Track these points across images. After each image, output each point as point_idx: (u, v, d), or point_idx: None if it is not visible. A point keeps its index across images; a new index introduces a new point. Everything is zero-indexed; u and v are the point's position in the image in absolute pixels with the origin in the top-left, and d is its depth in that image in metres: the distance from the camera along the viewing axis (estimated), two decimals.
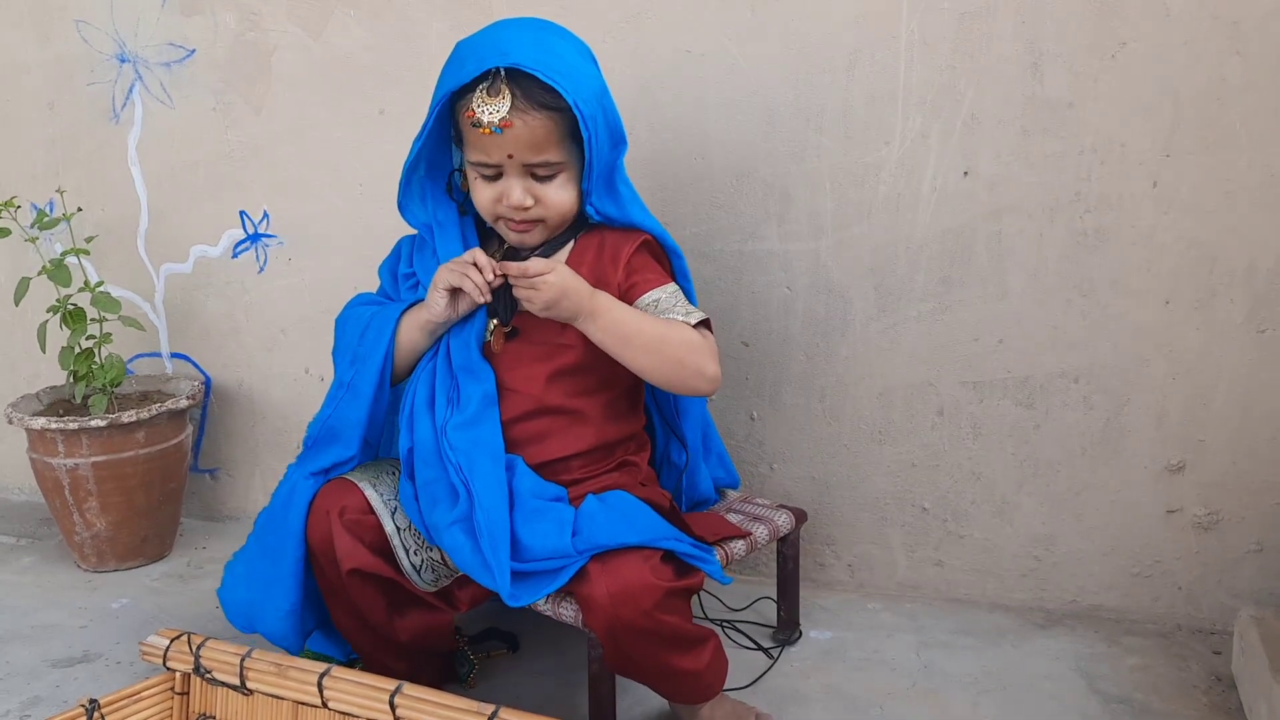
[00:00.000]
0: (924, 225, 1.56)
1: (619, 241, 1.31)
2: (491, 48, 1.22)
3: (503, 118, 1.19)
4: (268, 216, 1.96)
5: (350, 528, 1.26)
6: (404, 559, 1.30)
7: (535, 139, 1.22)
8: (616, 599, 1.12)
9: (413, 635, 1.32)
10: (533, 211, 1.27)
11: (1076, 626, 1.55)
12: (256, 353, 2.02)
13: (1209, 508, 1.51)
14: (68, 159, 2.09)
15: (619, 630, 1.14)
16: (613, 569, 1.13)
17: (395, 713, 1.07)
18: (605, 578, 1.13)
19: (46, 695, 1.44)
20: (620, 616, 1.12)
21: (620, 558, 1.14)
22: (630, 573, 1.13)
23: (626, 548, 1.15)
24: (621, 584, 1.12)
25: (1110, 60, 1.44)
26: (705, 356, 1.26)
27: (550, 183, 1.26)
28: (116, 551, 1.87)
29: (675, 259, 1.36)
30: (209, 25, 1.92)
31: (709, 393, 1.31)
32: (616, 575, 1.13)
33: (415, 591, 1.31)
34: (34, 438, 1.83)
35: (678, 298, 1.31)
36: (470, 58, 1.23)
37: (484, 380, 1.28)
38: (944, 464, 1.62)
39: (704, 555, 1.22)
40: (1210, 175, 1.43)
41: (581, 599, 1.16)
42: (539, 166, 1.24)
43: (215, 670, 1.18)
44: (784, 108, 1.60)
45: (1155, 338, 1.49)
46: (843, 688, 1.41)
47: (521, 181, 1.25)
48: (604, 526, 1.17)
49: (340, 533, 1.26)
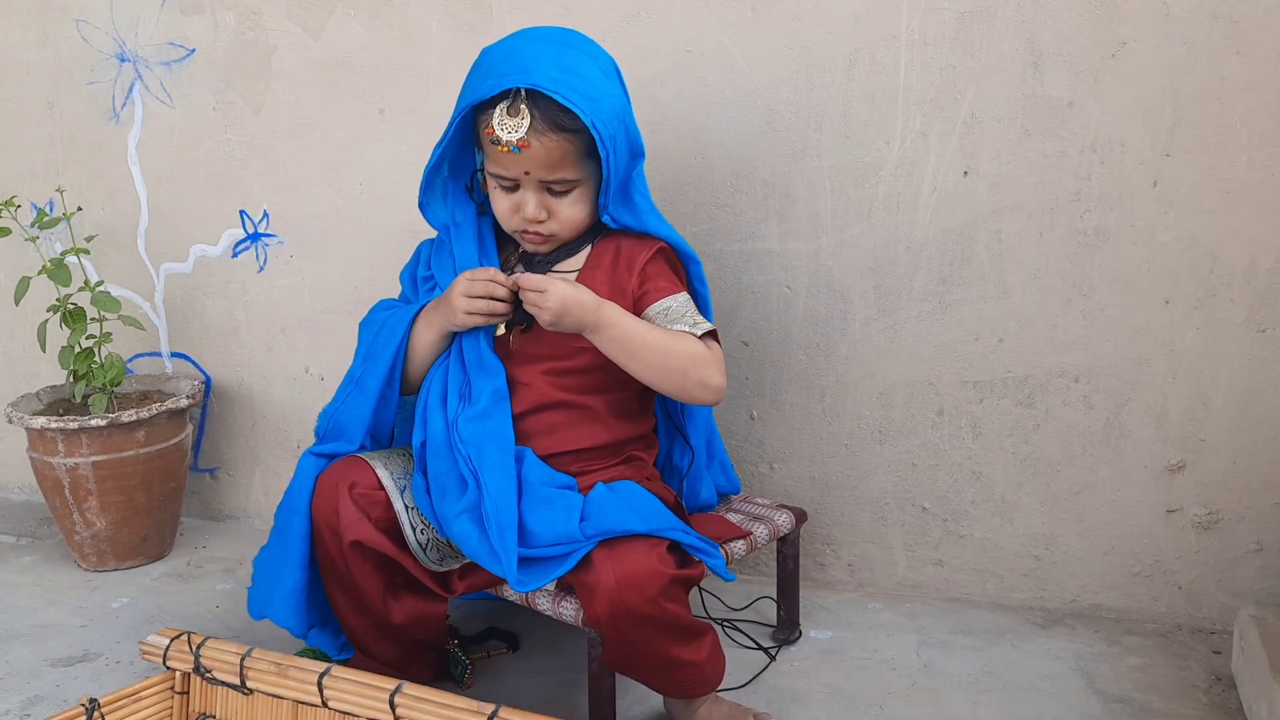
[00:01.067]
0: (924, 225, 1.56)
1: (634, 249, 1.33)
2: (514, 64, 1.23)
3: (520, 138, 1.21)
4: (267, 216, 1.96)
5: (358, 501, 1.28)
6: (411, 536, 1.31)
7: (551, 159, 1.23)
8: (622, 584, 1.13)
9: (406, 619, 1.33)
10: (546, 225, 1.29)
11: (1076, 626, 1.55)
12: (256, 352, 2.02)
13: (1209, 507, 1.51)
14: (68, 158, 2.09)
15: (623, 617, 1.14)
16: (619, 555, 1.15)
17: (395, 712, 1.07)
18: (612, 563, 1.14)
19: (47, 694, 1.44)
20: (625, 602, 1.13)
21: (627, 545, 1.16)
22: (637, 559, 1.14)
23: (633, 535, 1.17)
24: (627, 570, 1.14)
25: (1110, 59, 1.44)
26: (709, 367, 1.28)
27: (565, 198, 1.28)
28: (116, 551, 1.87)
29: (693, 265, 1.38)
30: (209, 25, 1.92)
31: (713, 402, 1.32)
32: (623, 561, 1.14)
33: (415, 575, 1.32)
34: (34, 437, 1.83)
35: (688, 306, 1.32)
36: (493, 72, 1.24)
37: (495, 376, 1.30)
38: (944, 463, 1.62)
39: (709, 549, 1.24)
40: (1210, 175, 1.43)
41: (586, 586, 1.17)
42: (555, 183, 1.26)
43: (215, 670, 1.18)
44: (784, 107, 1.60)
45: (1155, 337, 1.49)
46: (842, 687, 1.41)
47: (537, 195, 1.27)
48: (612, 513, 1.19)
49: (347, 504, 1.27)
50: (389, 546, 1.30)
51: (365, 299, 1.45)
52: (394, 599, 1.33)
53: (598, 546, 1.16)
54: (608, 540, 1.17)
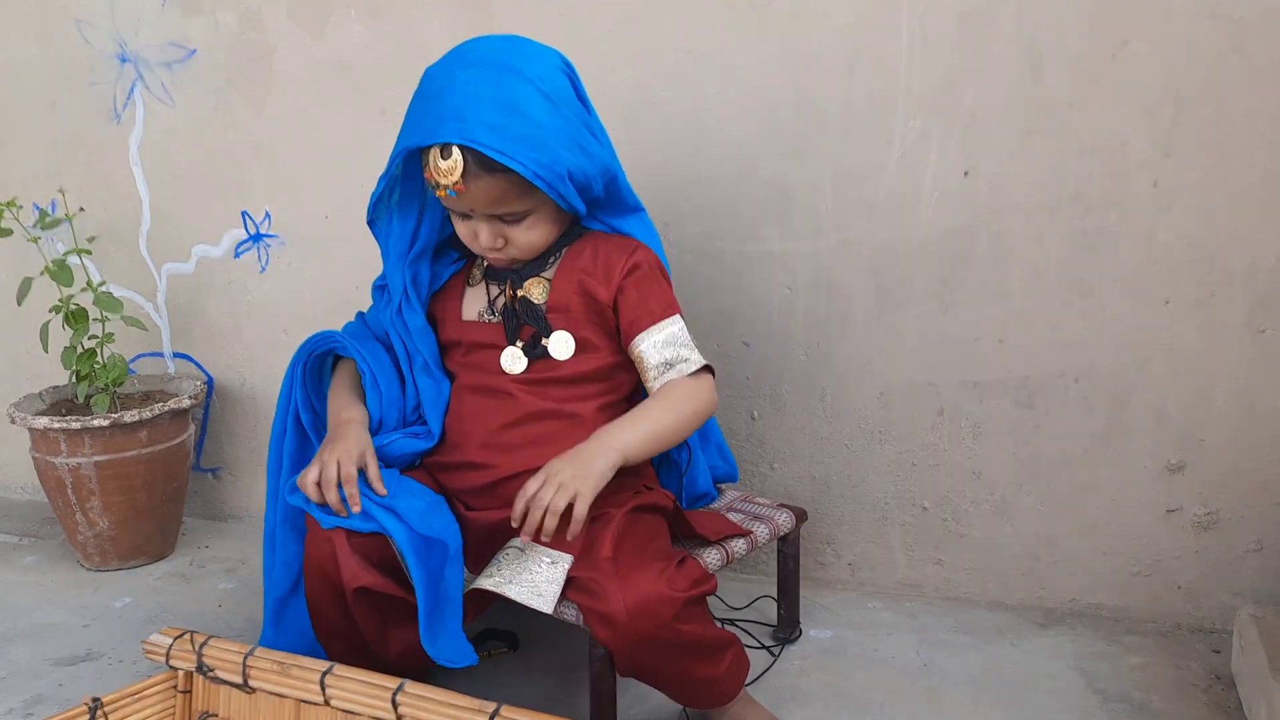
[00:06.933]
0: (924, 225, 1.56)
1: (611, 255, 1.31)
2: (450, 107, 1.19)
3: (455, 182, 1.19)
4: (269, 216, 1.96)
5: (358, 548, 1.23)
6: None
7: (492, 197, 1.22)
8: (634, 613, 1.12)
9: (401, 652, 1.28)
10: (505, 251, 1.29)
11: (1076, 625, 1.56)
12: (259, 352, 2.02)
13: (1209, 507, 1.51)
14: (69, 159, 2.09)
15: (638, 646, 1.13)
16: (629, 583, 1.13)
17: (397, 711, 1.07)
18: (622, 594, 1.12)
19: (49, 694, 1.44)
20: (640, 631, 1.12)
21: (637, 570, 1.14)
22: (647, 586, 1.12)
23: (640, 559, 1.15)
24: (639, 598, 1.12)
25: (1111, 60, 1.44)
26: (705, 398, 1.29)
27: (518, 225, 1.27)
28: (119, 550, 1.87)
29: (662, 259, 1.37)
30: (210, 25, 1.93)
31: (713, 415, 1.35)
32: (633, 589, 1.12)
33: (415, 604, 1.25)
34: (37, 437, 1.84)
35: (684, 335, 1.31)
36: (429, 114, 1.21)
37: None
38: (944, 463, 1.62)
39: None
40: (1210, 175, 1.43)
41: (597, 615, 1.14)
42: (504, 215, 1.25)
43: (218, 668, 1.18)
44: (785, 108, 1.60)
45: (1155, 338, 1.49)
46: (843, 686, 1.41)
47: (489, 226, 1.26)
48: None
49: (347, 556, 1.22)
50: (394, 587, 1.24)
51: (367, 299, 1.45)
52: (396, 630, 1.27)
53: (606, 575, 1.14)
54: (616, 567, 1.14)
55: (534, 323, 1.30)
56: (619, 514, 1.21)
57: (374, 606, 1.25)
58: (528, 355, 1.30)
